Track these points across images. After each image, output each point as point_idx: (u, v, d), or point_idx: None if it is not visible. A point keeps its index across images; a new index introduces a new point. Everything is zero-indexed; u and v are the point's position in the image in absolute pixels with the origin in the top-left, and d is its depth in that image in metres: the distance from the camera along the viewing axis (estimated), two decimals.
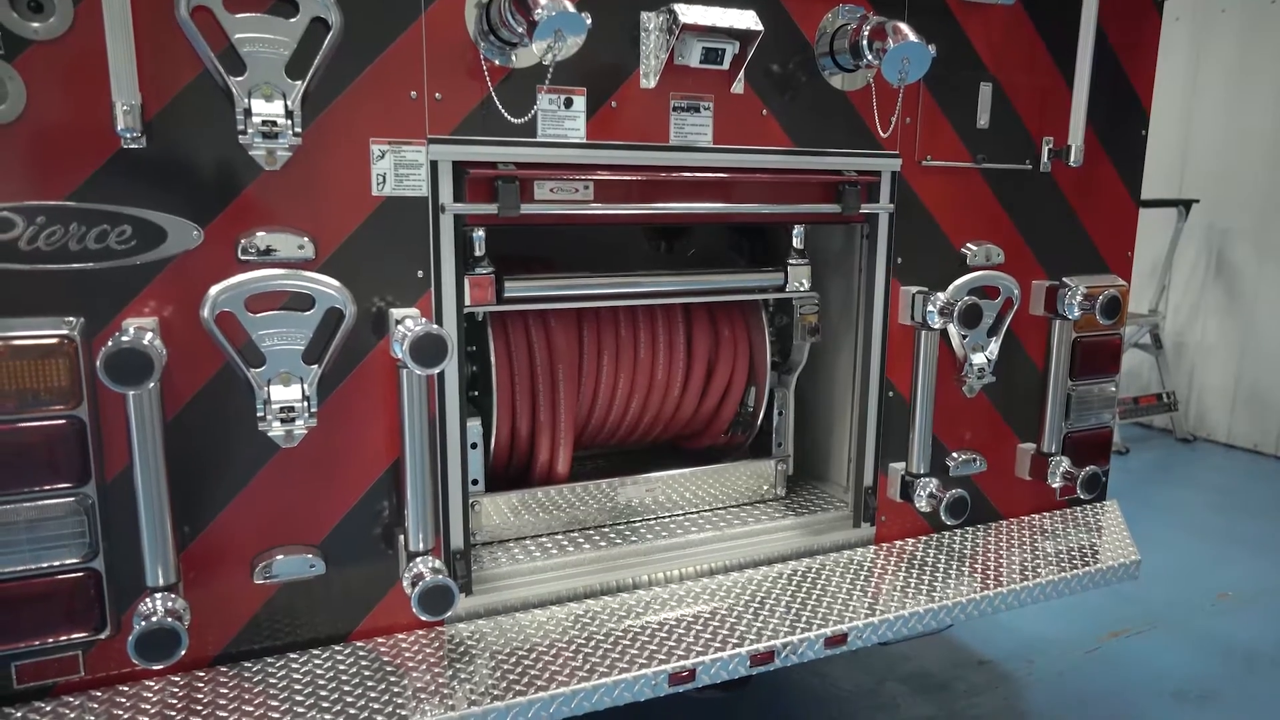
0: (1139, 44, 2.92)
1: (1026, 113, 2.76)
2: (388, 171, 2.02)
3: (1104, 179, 2.96)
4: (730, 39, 2.18)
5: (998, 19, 2.64)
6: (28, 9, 1.70)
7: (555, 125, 2.16)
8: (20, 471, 1.75)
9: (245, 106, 1.83)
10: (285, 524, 2.05)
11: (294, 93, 1.86)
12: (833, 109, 2.49)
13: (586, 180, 2.21)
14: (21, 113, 1.72)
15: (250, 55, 1.83)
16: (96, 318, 1.82)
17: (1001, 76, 2.70)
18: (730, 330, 2.80)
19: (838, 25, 2.42)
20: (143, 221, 1.83)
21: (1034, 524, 2.97)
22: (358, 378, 2.05)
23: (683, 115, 2.30)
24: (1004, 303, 2.80)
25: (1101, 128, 2.87)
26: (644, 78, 2.22)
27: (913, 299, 2.63)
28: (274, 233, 1.93)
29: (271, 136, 1.84)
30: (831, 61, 2.44)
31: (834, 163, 2.50)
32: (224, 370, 1.93)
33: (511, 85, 2.10)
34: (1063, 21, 2.69)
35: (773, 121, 2.41)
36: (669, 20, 2.15)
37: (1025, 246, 2.85)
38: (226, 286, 1.88)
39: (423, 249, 2.08)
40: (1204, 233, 6.91)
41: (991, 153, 2.73)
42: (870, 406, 2.71)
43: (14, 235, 1.74)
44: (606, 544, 2.52)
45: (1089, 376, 2.96)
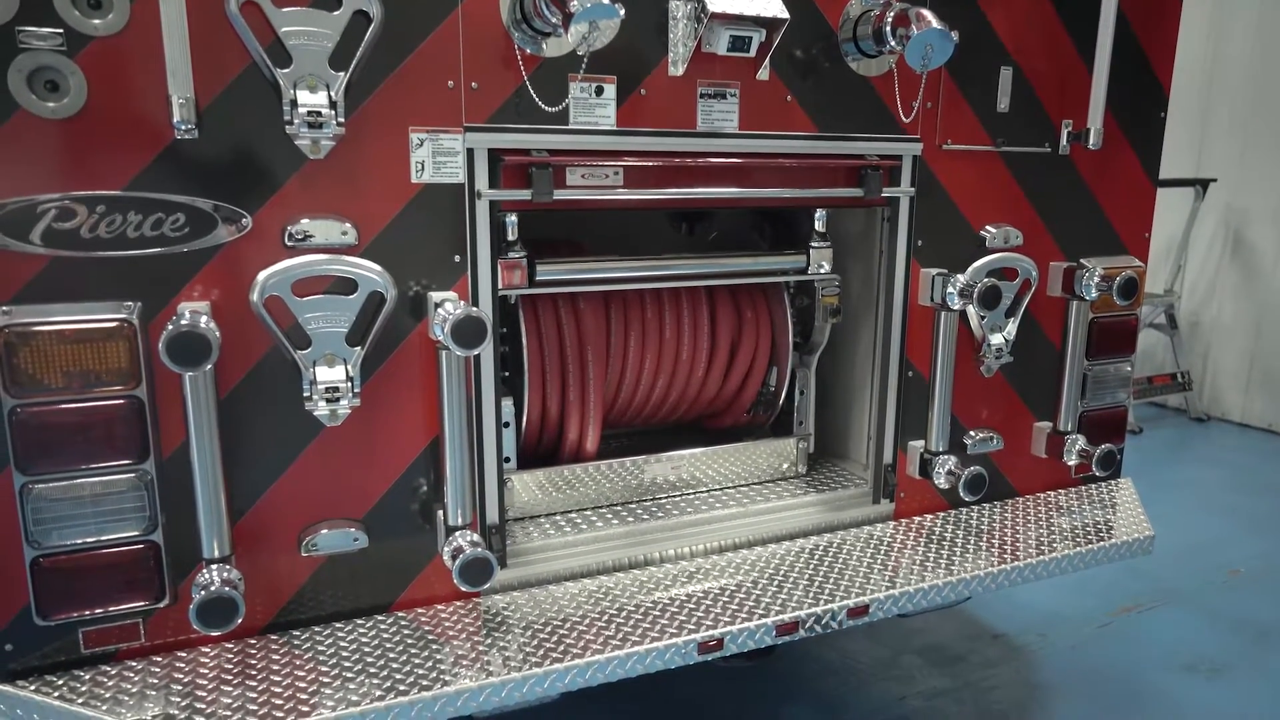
0: (1159, 26, 2.94)
1: (1046, 96, 2.80)
2: (426, 159, 2.09)
3: (1122, 161, 3.00)
4: (757, 27, 2.23)
5: (1019, 3, 2.68)
6: (88, 6, 1.77)
7: (586, 113, 2.23)
8: (84, 449, 1.84)
9: (291, 98, 1.90)
10: (330, 499, 2.14)
11: (337, 84, 1.93)
12: (855, 94, 2.54)
13: (617, 166, 2.27)
14: (82, 106, 1.79)
15: (296, 48, 1.90)
16: (153, 302, 1.90)
17: (1022, 60, 2.73)
18: (753, 311, 2.87)
19: (861, 11, 2.46)
20: (194, 209, 1.91)
21: (1050, 501, 3.03)
22: (398, 359, 2.13)
23: (709, 102, 2.35)
24: (1022, 284, 2.85)
25: (1120, 110, 2.90)
26: (672, 65, 2.27)
27: (933, 280, 2.68)
28: (318, 219, 2.01)
29: (316, 126, 1.92)
30: (854, 47, 2.49)
31: (856, 147, 2.55)
32: (272, 352, 2.01)
33: (544, 74, 2.16)
34: (1083, 5, 2.72)
35: (797, 107, 2.47)
36: (697, 8, 2.20)
37: (1044, 228, 2.90)
38: (274, 272, 1.96)
39: (459, 234, 2.15)
40: (1221, 212, 6.91)
41: (1011, 136, 2.78)
42: (890, 386, 2.78)
43: (76, 224, 1.82)
44: (634, 520, 2.61)
45: (1105, 356, 3.02)
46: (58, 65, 1.76)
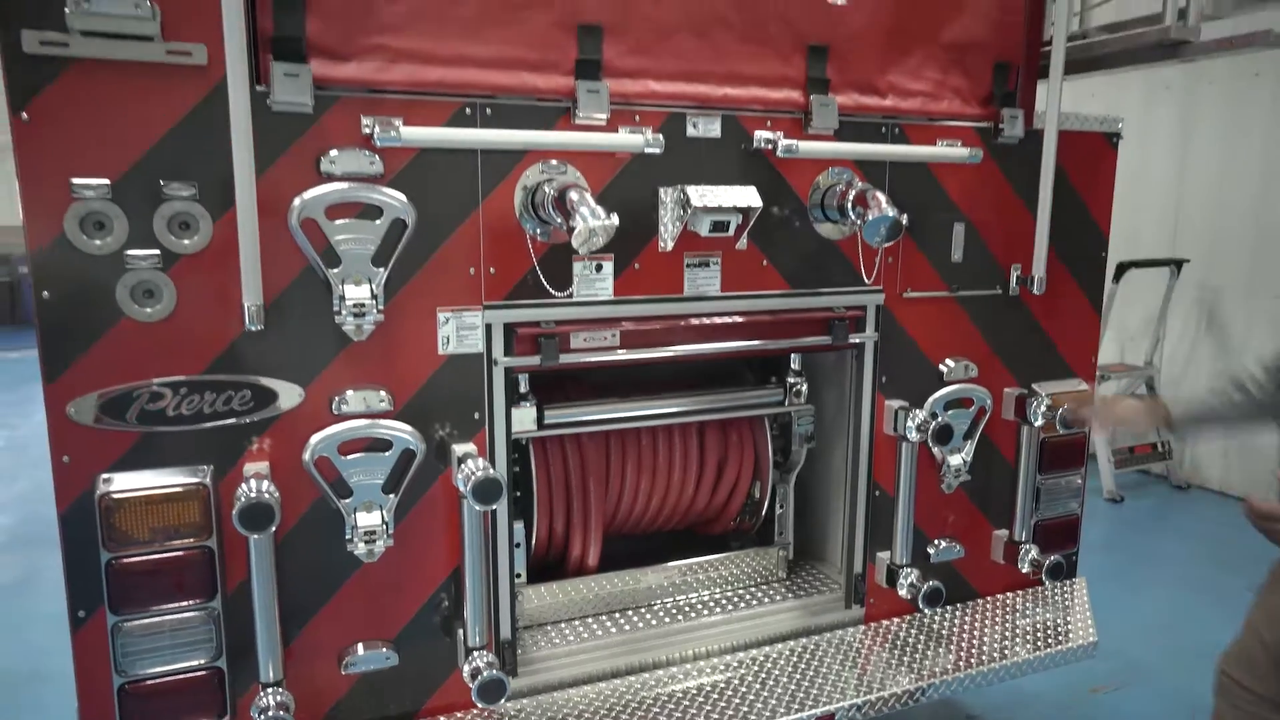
0: (1096, 177, 3.31)
1: (996, 246, 3.16)
2: (451, 334, 2.46)
3: (1069, 296, 3.35)
4: (735, 213, 2.60)
5: (969, 169, 3.05)
6: (180, 228, 2.15)
7: (588, 286, 2.60)
8: (165, 593, 2.19)
9: (340, 293, 2.27)
10: (366, 622, 2.49)
11: (378, 278, 2.31)
12: (823, 255, 2.91)
13: (614, 330, 2.64)
14: (173, 311, 2.17)
15: (344, 251, 2.28)
16: (222, 464, 2.27)
17: (973, 216, 3.10)
18: (738, 436, 3.22)
19: (828, 185, 2.84)
20: (259, 387, 2.28)
21: (1008, 603, 3.35)
22: (425, 502, 2.49)
23: (695, 270, 2.73)
24: (977, 411, 3.20)
25: (1065, 252, 3.26)
26: (662, 243, 2.64)
27: (895, 414, 3.03)
28: (360, 390, 2.37)
29: (360, 315, 2.29)
30: (822, 214, 2.86)
31: (825, 301, 2.91)
32: (319, 502, 2.37)
33: (551, 257, 2.54)
34: (1026, 166, 3.10)
35: (771, 269, 2.84)
36: (682, 197, 2.58)
37: (997, 359, 3.25)
38: (323, 436, 2.32)
39: (479, 395, 2.52)
40: (1196, 290, 7.26)
41: (965, 282, 3.14)
42: (859, 504, 3.12)
43: (163, 405, 2.19)
44: (631, 628, 2.94)
45: (1056, 471, 3.35)
46: (155, 279, 2.15)
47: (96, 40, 2.01)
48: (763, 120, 2.71)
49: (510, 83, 2.42)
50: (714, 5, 2.59)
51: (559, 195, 2.34)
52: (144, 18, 2.02)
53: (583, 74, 2.46)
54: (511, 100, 2.43)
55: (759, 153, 2.72)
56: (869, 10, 2.79)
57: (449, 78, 2.36)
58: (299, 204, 2.21)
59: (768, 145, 2.69)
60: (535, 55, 2.43)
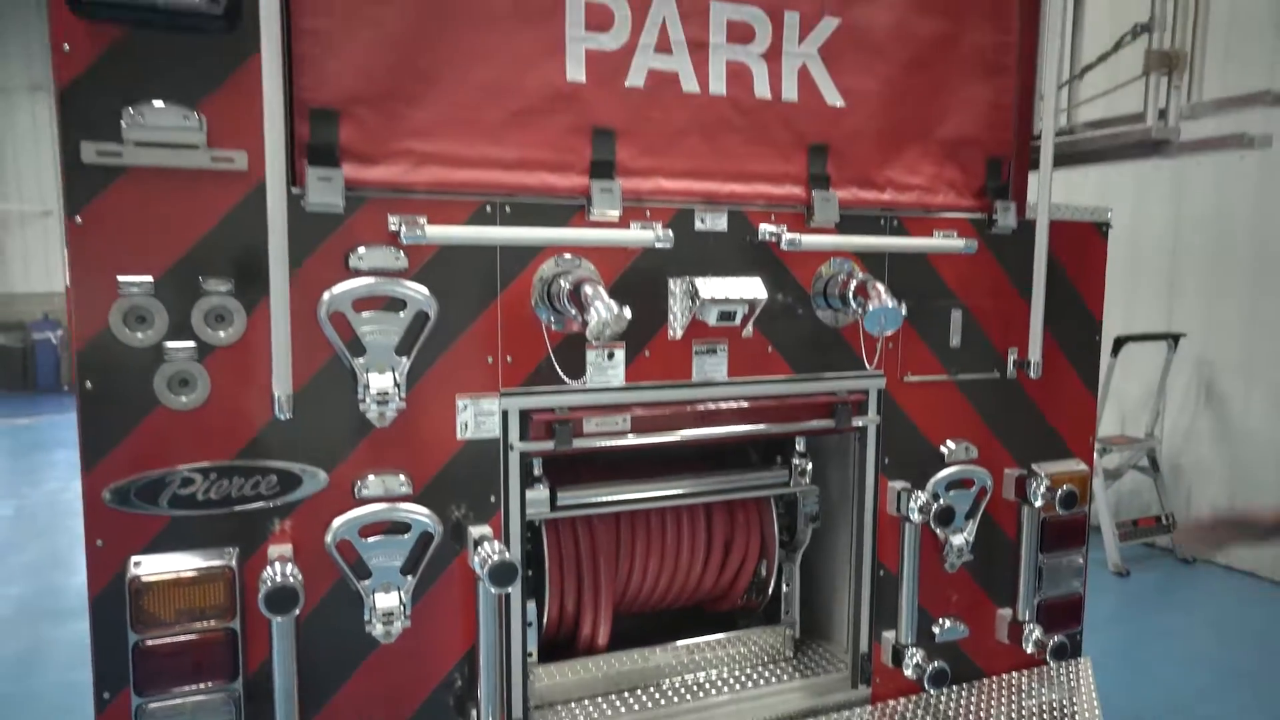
0: (1088, 265, 3.44)
1: (992, 331, 3.27)
2: (469, 420, 2.56)
3: (1064, 378, 3.45)
4: (741, 304, 2.73)
5: (965, 259, 3.18)
6: (215, 320, 2.28)
7: (600, 373, 2.71)
8: (189, 674, 2.25)
9: (365, 381, 2.38)
10: (383, 700, 2.53)
11: (401, 367, 2.42)
12: (826, 341, 3.02)
13: (625, 416, 2.74)
14: (206, 399, 2.28)
15: (369, 342, 2.39)
16: (248, 547, 2.35)
17: (970, 303, 3.22)
18: (744, 516, 3.29)
19: (830, 274, 2.97)
20: (285, 472, 2.38)
21: (1013, 683, 3.37)
22: (442, 583, 2.56)
23: (703, 357, 2.84)
24: (978, 491, 3.27)
25: (1060, 336, 3.37)
26: (671, 331, 2.76)
27: (898, 495, 3.11)
28: (381, 474, 2.47)
29: (383, 402, 2.39)
30: (825, 303, 2.98)
31: (828, 386, 3.02)
32: (339, 584, 2.44)
33: (565, 345, 2.65)
34: (1020, 255, 3.22)
35: (777, 355, 2.95)
36: (690, 289, 2.70)
37: (996, 441, 3.33)
38: (345, 520, 2.41)
39: (495, 478, 2.61)
40: (1193, 364, 7.37)
41: (963, 366, 3.24)
42: (864, 584, 3.17)
43: (193, 490, 2.28)
44: (641, 707, 2.97)
45: (1057, 551, 3.41)
46: (190, 369, 2.26)
47: (147, 149, 2.16)
48: (767, 214, 2.86)
49: (529, 182, 2.56)
50: (719, 109, 2.76)
51: (574, 289, 2.47)
52: (192, 128, 2.18)
53: (597, 174, 2.62)
54: (530, 199, 2.57)
55: (764, 245, 2.86)
56: (866, 111, 2.96)
57: (472, 178, 2.50)
58: (328, 298, 2.34)
59: (772, 238, 2.83)
60: (553, 157, 2.58)
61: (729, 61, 2.74)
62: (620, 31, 2.60)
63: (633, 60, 2.63)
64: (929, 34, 3.01)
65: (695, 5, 2.68)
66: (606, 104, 2.61)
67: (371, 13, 2.34)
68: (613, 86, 2.62)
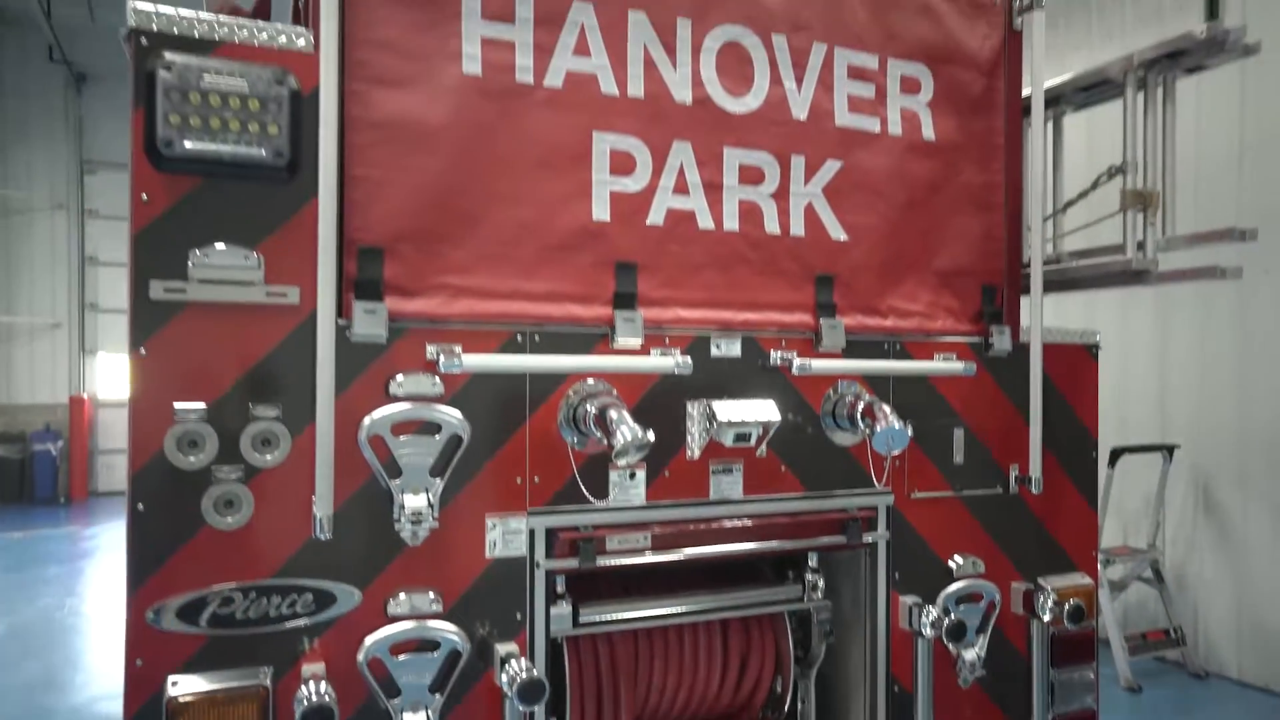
0: (1080, 385, 3.61)
1: (994, 449, 3.41)
2: (498, 538, 2.66)
3: (1064, 493, 3.57)
4: (756, 426, 2.87)
5: (965, 380, 3.35)
6: (262, 444, 2.40)
7: (622, 493, 2.82)
8: None
9: (400, 502, 2.49)
10: None
11: (435, 488, 2.54)
12: (836, 460, 3.15)
13: (646, 533, 2.84)
14: (249, 520, 2.39)
15: (406, 464, 2.52)
16: (282, 665, 2.40)
17: (971, 422, 3.37)
18: (759, 631, 3.34)
19: (838, 397, 3.12)
20: (320, 590, 2.46)
21: None
22: (468, 701, 2.60)
23: (719, 476, 2.96)
24: (987, 605, 3.34)
25: (1058, 452, 3.51)
26: (689, 452, 2.89)
27: (909, 610, 3.18)
28: (413, 592, 2.55)
29: (417, 522, 2.50)
30: (834, 423, 3.13)
31: (839, 503, 3.13)
32: (369, 699, 2.49)
33: (589, 465, 2.78)
34: (1017, 376, 3.39)
35: (789, 474, 3.07)
36: (708, 411, 2.85)
37: (1003, 555, 3.42)
38: (378, 638, 2.47)
39: (521, 596, 2.68)
40: (1189, 473, 7.48)
41: (967, 483, 3.36)
42: (879, 701, 3.20)
43: (234, 608, 2.36)
44: None
45: (1068, 666, 3.44)
46: (236, 491, 2.37)
47: (210, 286, 2.34)
48: (778, 341, 3.04)
49: (557, 313, 2.75)
50: (733, 244, 2.97)
51: (600, 413, 2.61)
52: (251, 267, 2.37)
53: (620, 304, 2.80)
54: (557, 328, 2.75)
55: (775, 369, 3.02)
56: (868, 244, 3.18)
57: (503, 309, 2.69)
58: (369, 423, 2.48)
59: (783, 363, 3.00)
60: (579, 289, 2.77)
61: (741, 201, 2.98)
62: (642, 175, 2.84)
63: (653, 200, 2.86)
64: (923, 175, 3.26)
65: (710, 151, 2.93)
66: (629, 240, 2.82)
67: (417, 162, 2.57)
68: (635, 224, 2.84)
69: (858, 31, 3.16)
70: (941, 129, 3.32)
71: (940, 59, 3.31)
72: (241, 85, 2.32)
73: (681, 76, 2.90)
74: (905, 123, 3.25)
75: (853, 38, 3.15)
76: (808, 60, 3.08)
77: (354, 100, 2.50)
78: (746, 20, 2.99)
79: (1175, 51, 3.22)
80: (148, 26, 2.28)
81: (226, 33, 2.35)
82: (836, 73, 3.13)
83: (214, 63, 2.31)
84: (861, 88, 3.17)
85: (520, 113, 2.70)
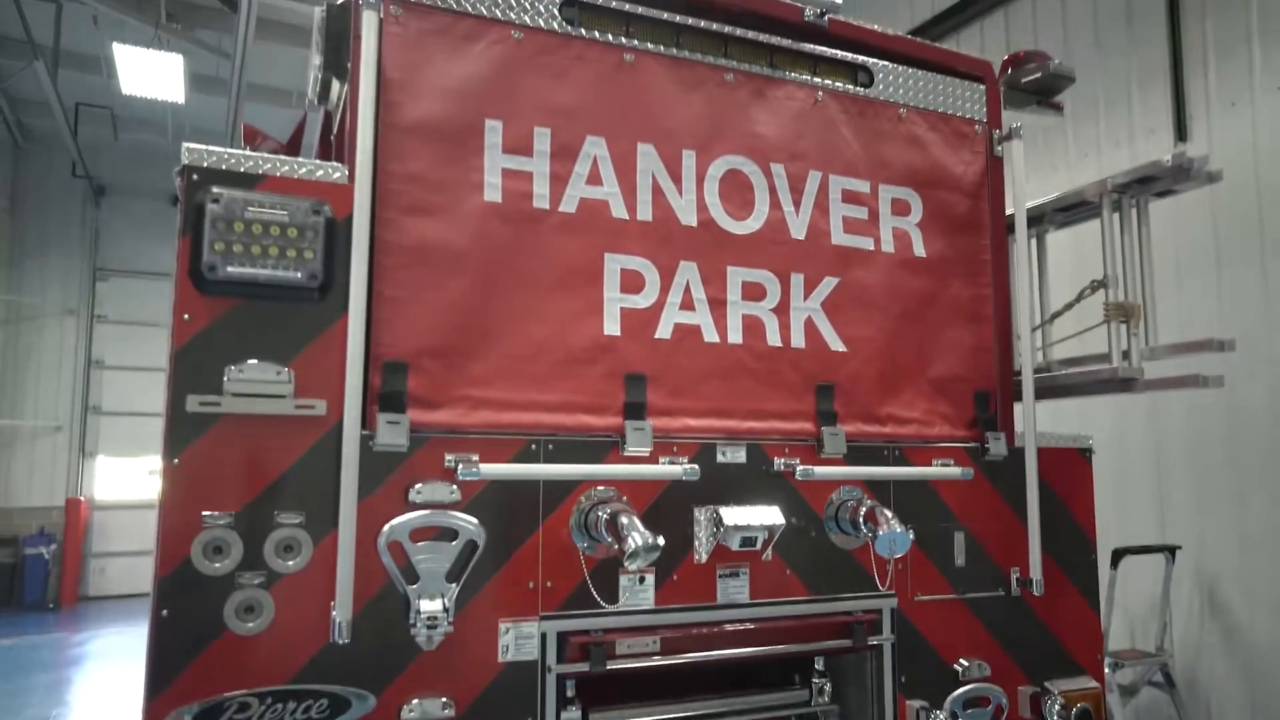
0: (1076, 487, 3.71)
1: (995, 551, 3.48)
2: (510, 643, 2.71)
3: (1067, 597, 3.61)
4: (762, 530, 2.95)
5: (963, 484, 3.45)
6: (284, 550, 2.49)
7: (632, 597, 2.89)
8: None
9: (417, 607, 2.56)
10: None
11: (450, 593, 2.61)
12: (839, 563, 3.22)
13: (655, 637, 2.89)
14: (269, 625, 2.45)
15: (423, 569, 2.59)
16: None
17: (970, 526, 3.45)
18: None
19: (841, 501, 3.21)
20: (335, 695, 2.50)
21: None
22: None
23: (726, 580, 3.03)
24: (994, 709, 3.35)
25: (1057, 554, 3.57)
26: (697, 555, 2.97)
27: (916, 715, 3.19)
28: (426, 698, 2.58)
29: (433, 627, 2.56)
30: (837, 527, 3.21)
31: (844, 606, 3.18)
32: None
33: (600, 570, 2.85)
34: (1013, 479, 3.49)
35: (794, 578, 3.14)
36: (715, 516, 2.94)
37: (1007, 657, 3.45)
38: None
39: (532, 700, 2.71)
40: (1193, 575, 7.46)
41: (969, 585, 3.42)
42: None
43: (249, 714, 2.40)
44: None
45: None
46: (258, 597, 2.45)
47: (242, 399, 2.47)
48: (781, 448, 3.15)
49: (569, 423, 2.87)
50: (737, 356, 3.13)
51: (610, 519, 2.71)
52: (283, 381, 2.50)
53: (630, 414, 2.93)
54: (570, 437, 2.87)
55: (779, 475, 3.13)
56: (866, 355, 3.34)
57: (519, 420, 2.81)
58: (388, 529, 2.57)
59: (787, 469, 3.11)
60: (591, 400, 2.90)
61: (744, 315, 3.14)
62: (650, 292, 3.02)
63: (661, 316, 3.02)
64: (916, 289, 3.45)
65: (714, 270, 3.12)
66: (638, 353, 2.98)
67: (441, 282, 2.74)
68: (644, 338, 2.99)
69: (850, 160, 3.40)
70: (931, 247, 3.52)
71: (927, 184, 3.54)
72: (282, 215, 2.51)
73: (687, 202, 3.11)
74: (897, 241, 3.46)
75: (846, 166, 3.39)
76: (804, 186, 3.30)
77: (385, 226, 2.69)
78: (747, 151, 3.23)
79: (1146, 177, 3.45)
80: (199, 164, 2.48)
81: (270, 168, 2.55)
82: (832, 196, 3.35)
83: (257, 195, 2.51)
84: (855, 210, 3.39)
85: (537, 236, 2.89)
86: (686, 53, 3.20)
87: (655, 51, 3.14)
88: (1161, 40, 6.90)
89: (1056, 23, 7.70)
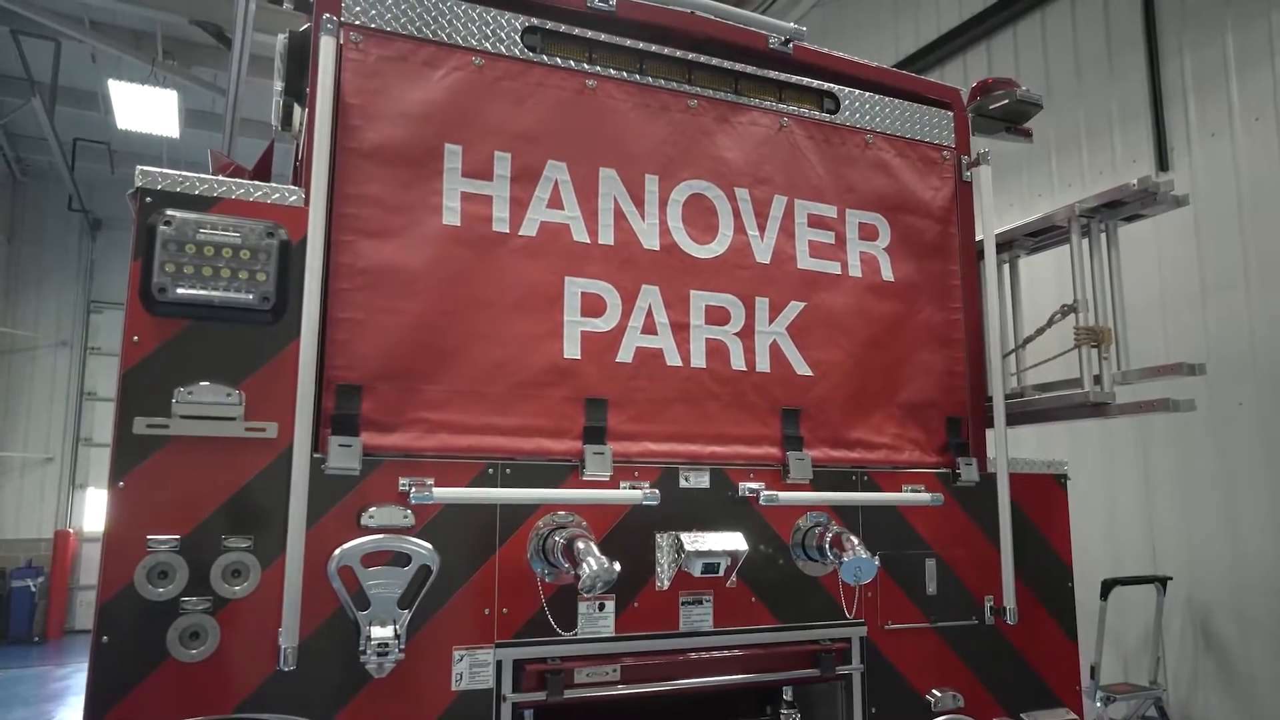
0: (1052, 514, 3.66)
1: (967, 579, 3.42)
2: (464, 671, 2.66)
3: (1043, 625, 3.55)
4: (724, 556, 2.91)
5: (934, 510, 3.40)
6: (232, 576, 2.45)
7: (591, 624, 2.83)
8: None
9: (367, 634, 2.51)
10: None
11: (402, 620, 2.56)
12: (806, 591, 3.16)
13: (615, 666, 2.83)
14: (213, 652, 2.40)
15: (374, 595, 2.55)
16: None
17: (942, 552, 3.40)
18: None
19: (807, 527, 3.17)
20: None
21: None
22: None
23: (689, 607, 2.97)
24: None
25: (1033, 583, 3.51)
26: (659, 582, 2.92)
27: None
28: None
29: (384, 654, 2.50)
30: (803, 553, 3.16)
31: (811, 634, 3.12)
32: None
33: (558, 597, 2.80)
34: (986, 506, 3.45)
35: (760, 605, 3.08)
36: (676, 542, 2.89)
37: (982, 688, 3.38)
38: None
39: None
40: (1185, 606, 7.36)
41: (941, 613, 3.36)
42: None
43: None
44: None
45: None
46: (203, 623, 2.40)
47: (191, 422, 2.44)
48: (746, 473, 3.11)
49: (528, 447, 2.84)
50: (701, 380, 3.10)
51: (567, 544, 2.66)
52: (233, 404, 2.48)
53: (590, 439, 2.90)
54: (528, 461, 2.83)
55: (744, 500, 3.09)
56: (833, 380, 3.31)
57: (476, 443, 2.78)
58: (339, 554, 2.53)
59: (751, 494, 3.07)
60: (550, 424, 2.87)
61: (708, 339, 3.12)
62: (612, 316, 3.00)
63: (623, 339, 3.00)
64: (884, 313, 3.43)
65: (677, 294, 3.10)
66: (599, 377, 2.95)
67: (397, 304, 2.73)
68: (604, 362, 2.97)
69: (816, 184, 3.40)
70: (900, 271, 3.51)
71: (895, 208, 3.54)
72: (234, 237, 2.50)
73: (650, 226, 3.11)
74: (865, 265, 3.44)
75: (812, 191, 3.39)
76: (770, 210, 3.30)
77: (341, 249, 2.68)
78: (711, 176, 3.23)
79: (1113, 201, 3.45)
80: (153, 186, 2.48)
81: (225, 190, 2.55)
82: (798, 221, 3.35)
83: (211, 218, 2.50)
84: (822, 235, 3.38)
85: (496, 259, 2.88)
86: (650, 79, 3.21)
87: (618, 78, 3.16)
88: (1141, 73, 6.97)
89: (1038, 56, 7.77)
